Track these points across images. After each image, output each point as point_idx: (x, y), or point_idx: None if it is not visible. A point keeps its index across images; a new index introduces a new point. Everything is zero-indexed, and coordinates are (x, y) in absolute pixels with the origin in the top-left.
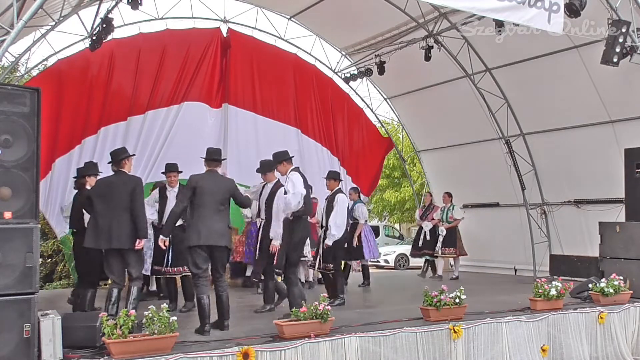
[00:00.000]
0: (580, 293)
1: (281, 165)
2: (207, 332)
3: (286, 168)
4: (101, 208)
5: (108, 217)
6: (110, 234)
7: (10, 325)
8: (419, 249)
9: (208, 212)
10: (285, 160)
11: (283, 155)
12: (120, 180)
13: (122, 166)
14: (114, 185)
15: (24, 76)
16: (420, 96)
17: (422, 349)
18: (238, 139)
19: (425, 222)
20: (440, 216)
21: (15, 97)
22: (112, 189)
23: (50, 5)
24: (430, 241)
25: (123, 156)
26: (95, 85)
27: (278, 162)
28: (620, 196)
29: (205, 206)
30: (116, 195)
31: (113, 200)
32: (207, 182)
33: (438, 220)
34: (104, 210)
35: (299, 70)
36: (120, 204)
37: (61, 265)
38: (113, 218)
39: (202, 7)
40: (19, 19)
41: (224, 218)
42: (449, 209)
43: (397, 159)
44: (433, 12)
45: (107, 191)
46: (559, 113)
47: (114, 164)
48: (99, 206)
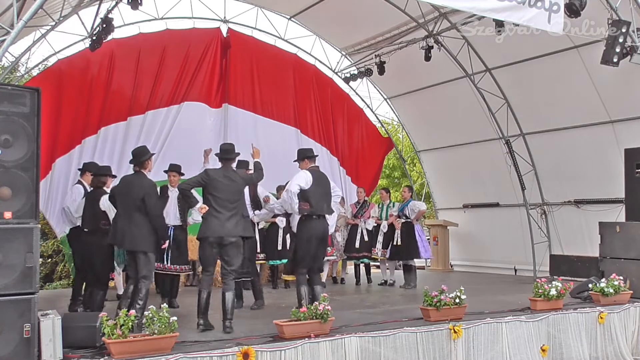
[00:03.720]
0: (580, 293)
1: (302, 162)
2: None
3: (306, 166)
4: (119, 207)
5: (122, 217)
6: (123, 235)
7: (10, 325)
8: (355, 250)
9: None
10: (307, 158)
11: (304, 153)
12: (137, 182)
13: (145, 166)
14: (131, 186)
15: (24, 76)
16: (420, 96)
17: (422, 349)
18: (238, 139)
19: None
20: (378, 214)
21: (15, 97)
22: (130, 190)
23: (50, 5)
24: (368, 242)
25: (146, 157)
26: (95, 85)
27: (300, 159)
28: (620, 196)
29: (219, 201)
30: (130, 197)
31: (127, 200)
32: (221, 177)
33: (377, 218)
34: (121, 210)
35: (298, 71)
36: (133, 206)
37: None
38: (125, 219)
39: (202, 7)
40: (19, 19)
41: (239, 211)
42: (388, 206)
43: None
44: (433, 12)
45: (125, 191)
46: (559, 113)
47: (136, 164)
48: (119, 205)
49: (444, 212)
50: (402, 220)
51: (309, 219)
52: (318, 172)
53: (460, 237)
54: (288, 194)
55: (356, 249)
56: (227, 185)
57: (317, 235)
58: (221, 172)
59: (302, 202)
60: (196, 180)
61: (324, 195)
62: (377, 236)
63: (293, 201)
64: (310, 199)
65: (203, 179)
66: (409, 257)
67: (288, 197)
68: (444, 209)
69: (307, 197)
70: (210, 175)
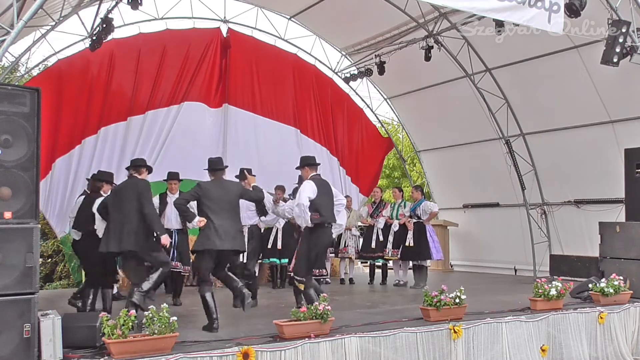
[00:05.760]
0: (580, 293)
1: (304, 170)
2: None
3: (307, 174)
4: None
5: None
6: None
7: (10, 325)
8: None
9: (218, 218)
10: (308, 165)
11: (306, 160)
12: (130, 184)
13: (140, 173)
14: (124, 190)
15: (24, 76)
16: (420, 96)
17: (422, 349)
18: (238, 139)
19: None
20: (389, 213)
21: (15, 97)
22: (123, 193)
23: (50, 5)
24: (384, 242)
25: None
26: (95, 85)
27: (302, 166)
28: (620, 196)
29: (214, 212)
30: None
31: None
32: (214, 189)
33: (388, 217)
34: (116, 215)
35: (298, 71)
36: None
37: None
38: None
39: (202, 7)
40: (19, 19)
41: (235, 222)
42: (399, 205)
43: (397, 159)
44: (433, 12)
45: (117, 198)
46: (559, 113)
47: (132, 168)
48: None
49: (444, 212)
50: (414, 220)
51: (321, 227)
52: (320, 180)
53: (460, 237)
54: (300, 208)
55: (372, 249)
56: (220, 195)
57: (327, 243)
58: (213, 184)
59: (312, 212)
60: (190, 195)
61: (330, 203)
62: (388, 236)
63: (306, 214)
64: (319, 209)
65: (197, 192)
66: (420, 258)
67: (301, 211)
68: (444, 209)
69: (316, 206)
70: (203, 188)
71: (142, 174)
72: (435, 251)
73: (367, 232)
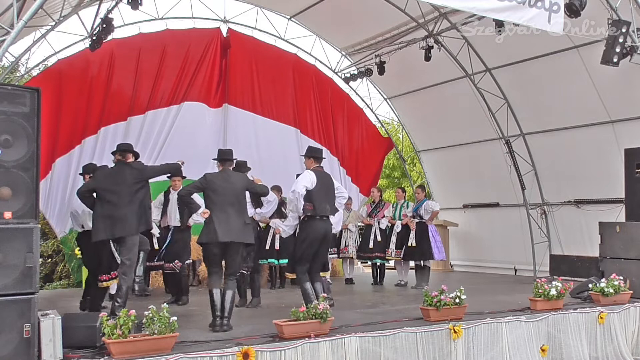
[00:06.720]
0: (580, 293)
1: (308, 160)
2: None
3: (310, 164)
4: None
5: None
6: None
7: (10, 325)
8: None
9: (222, 210)
10: (314, 157)
11: (313, 152)
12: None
13: (127, 158)
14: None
15: (24, 76)
16: (420, 96)
17: (422, 349)
18: (238, 139)
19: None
20: (392, 213)
21: (15, 97)
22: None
23: (50, 5)
24: (381, 242)
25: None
26: (95, 85)
27: (307, 156)
28: (620, 196)
29: (219, 204)
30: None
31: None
32: (220, 180)
33: (390, 218)
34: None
35: (298, 71)
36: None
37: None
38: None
39: (202, 7)
40: (19, 19)
41: (241, 215)
42: (402, 206)
43: (397, 159)
44: (433, 12)
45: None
46: (559, 113)
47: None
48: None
49: (444, 212)
50: (416, 220)
51: (312, 219)
52: (322, 173)
53: (460, 237)
54: (294, 195)
55: (370, 249)
56: (225, 187)
57: (318, 236)
58: (219, 175)
59: (305, 202)
60: (195, 185)
61: (327, 196)
62: (391, 236)
63: (299, 202)
64: (313, 201)
65: (202, 183)
66: (422, 258)
67: (294, 197)
68: (444, 209)
69: (311, 198)
70: (209, 179)
71: (129, 159)
72: (438, 251)
73: (365, 232)
